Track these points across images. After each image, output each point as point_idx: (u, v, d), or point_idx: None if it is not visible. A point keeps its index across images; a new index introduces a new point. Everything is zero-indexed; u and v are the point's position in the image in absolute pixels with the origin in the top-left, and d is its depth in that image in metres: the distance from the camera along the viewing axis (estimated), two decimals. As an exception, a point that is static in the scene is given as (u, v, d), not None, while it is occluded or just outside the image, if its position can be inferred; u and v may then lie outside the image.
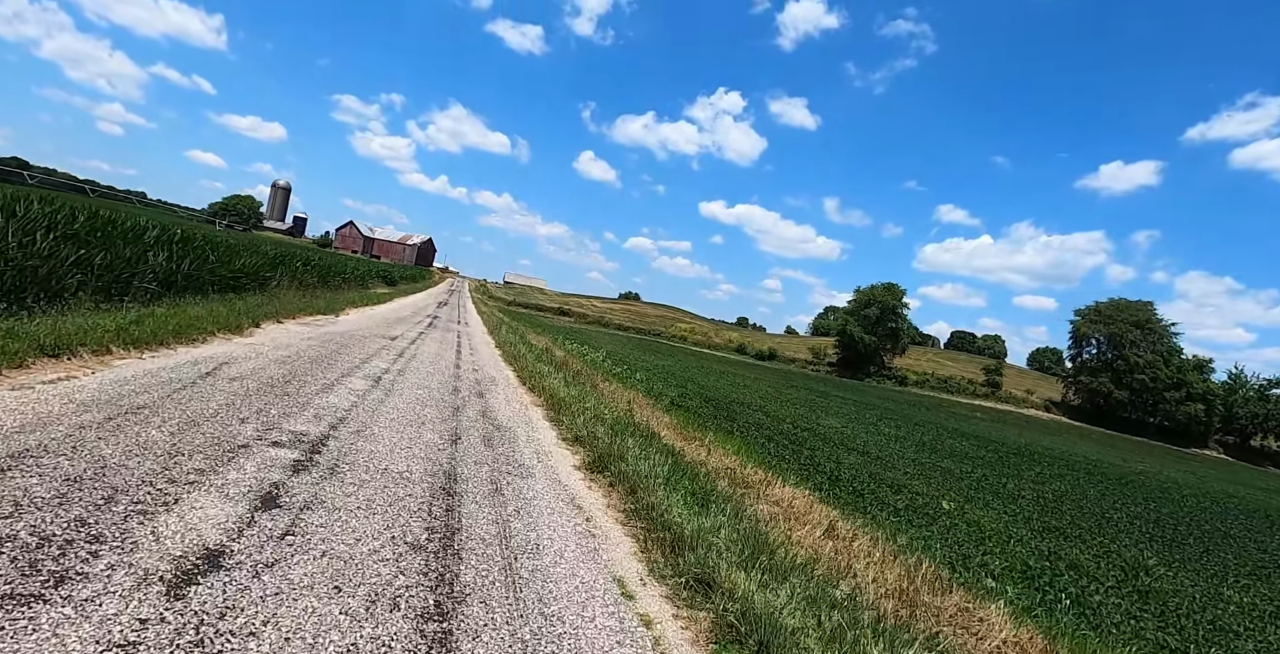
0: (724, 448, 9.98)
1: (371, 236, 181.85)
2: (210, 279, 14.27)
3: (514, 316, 47.22)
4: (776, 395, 32.31)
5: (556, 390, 10.19)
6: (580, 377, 14.03)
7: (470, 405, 8.41)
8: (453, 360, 13.01)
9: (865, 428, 24.43)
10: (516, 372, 13.39)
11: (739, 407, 21.56)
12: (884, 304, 77.42)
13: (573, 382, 12.72)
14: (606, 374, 17.43)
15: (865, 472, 13.40)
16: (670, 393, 19.58)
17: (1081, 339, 77.58)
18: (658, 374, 29.51)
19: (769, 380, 46.92)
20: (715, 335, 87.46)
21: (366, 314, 20.15)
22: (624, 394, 13.19)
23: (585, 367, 16.91)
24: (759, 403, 25.16)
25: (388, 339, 13.98)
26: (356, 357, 10.32)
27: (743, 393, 28.81)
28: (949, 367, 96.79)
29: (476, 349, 16.66)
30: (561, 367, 15.42)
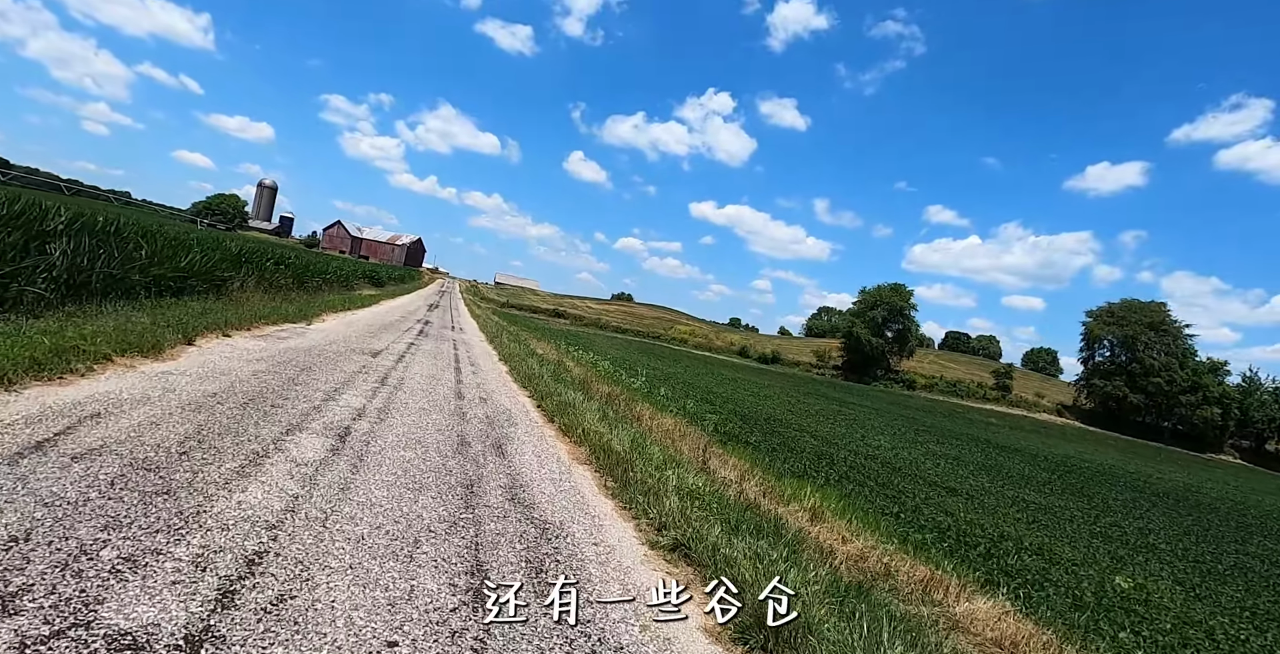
0: (838, 515, 7.13)
1: (360, 237, 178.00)
2: (141, 280, 11.26)
3: (510, 320, 44.23)
4: (803, 407, 29.52)
5: (598, 434, 7.29)
6: (614, 402, 11.13)
7: (490, 477, 5.47)
8: (452, 386, 10.06)
9: (918, 449, 21.69)
10: (534, 398, 10.47)
11: (782, 427, 18.75)
12: (891, 305, 74.84)
13: (608, 410, 9.83)
14: (634, 393, 14.54)
15: (984, 526, 10.58)
16: (707, 413, 16.74)
17: (1093, 341, 75.36)
18: (675, 384, 26.67)
19: (782, 387, 44.18)
20: (716, 338, 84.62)
21: (346, 321, 17.16)
22: (674, 426, 10.30)
23: (610, 385, 14.01)
24: (795, 419, 22.36)
25: (368, 355, 11.02)
26: (320, 388, 7.37)
27: (770, 406, 26.00)
28: (953, 369, 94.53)
29: (479, 365, 13.72)
30: (585, 388, 12.50)
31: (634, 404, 11.58)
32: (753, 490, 6.61)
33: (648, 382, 22.35)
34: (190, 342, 8.74)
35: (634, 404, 11.58)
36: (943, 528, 9.57)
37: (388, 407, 7.23)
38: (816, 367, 75.63)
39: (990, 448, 28.50)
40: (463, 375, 11.53)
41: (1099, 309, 76.75)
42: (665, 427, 10.43)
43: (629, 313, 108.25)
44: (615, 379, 18.14)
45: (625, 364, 32.15)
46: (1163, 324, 72.31)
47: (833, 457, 14.43)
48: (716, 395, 26.07)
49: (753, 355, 76.74)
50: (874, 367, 73.67)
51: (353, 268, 41.51)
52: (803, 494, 7.72)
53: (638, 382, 19.89)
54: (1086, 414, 74.69)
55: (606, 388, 13.23)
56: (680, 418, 12.66)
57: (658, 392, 18.99)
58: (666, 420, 11.43)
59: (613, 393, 12.46)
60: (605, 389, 13.00)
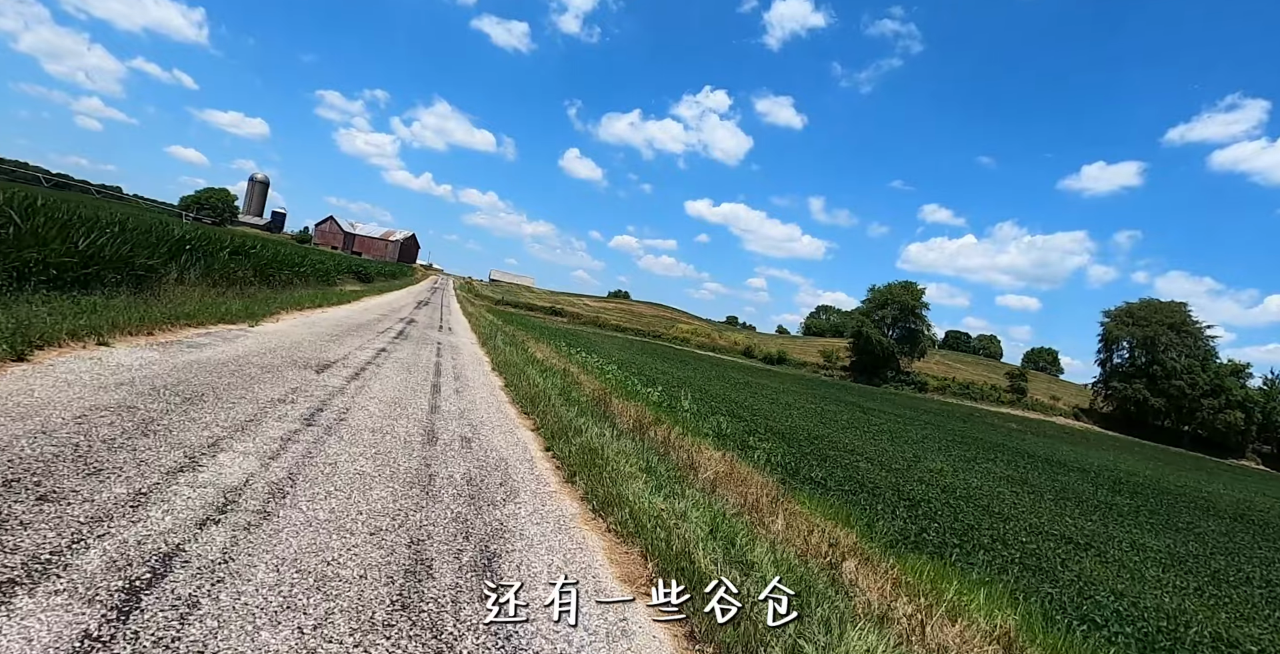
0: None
1: (352, 232, 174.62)
2: (9, 268, 8.25)
3: (506, 318, 41.20)
4: (832, 417, 26.59)
5: (655, 518, 4.30)
6: (645, 433, 8.17)
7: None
8: (423, 418, 7.07)
9: (977, 471, 18.81)
10: (541, 435, 7.50)
11: (830, 449, 15.83)
12: (902, 304, 71.85)
13: (648, 455, 6.85)
14: (658, 411, 11.56)
15: (1160, 608, 7.64)
16: (745, 434, 13.82)
17: (1111, 342, 72.56)
18: (692, 391, 23.73)
19: (799, 391, 41.26)
20: (719, 337, 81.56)
21: (309, 320, 14.15)
22: (728, 468, 7.34)
23: (631, 403, 11.01)
24: (835, 435, 19.43)
25: (312, 370, 8.02)
26: (191, 439, 4.37)
27: (800, 418, 23.08)
28: (960, 369, 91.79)
29: (465, 379, 10.72)
30: (603, 410, 9.53)
31: (667, 430, 8.60)
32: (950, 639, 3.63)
33: (665, 391, 19.43)
34: (22, 356, 5.74)
35: (667, 430, 8.60)
36: (1129, 619, 6.63)
37: (295, 475, 4.21)
38: (824, 367, 72.67)
39: (1040, 463, 25.66)
40: (441, 396, 8.53)
41: (1117, 309, 73.97)
42: (719, 470, 7.44)
43: (627, 311, 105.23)
44: (631, 391, 15.21)
45: (634, 368, 29.17)
46: (1184, 325, 69.58)
47: (913, 496, 11.47)
48: (742, 407, 23.16)
49: (758, 355, 73.76)
50: (883, 368, 70.77)
51: (336, 262, 38.40)
52: (989, 608, 4.76)
53: (655, 392, 16.96)
54: (1104, 418, 72.00)
55: (629, 409, 10.24)
56: (727, 450, 9.70)
57: (680, 404, 16.05)
58: (712, 455, 8.49)
59: (641, 418, 9.46)
60: (629, 411, 10.01)
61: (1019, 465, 23.05)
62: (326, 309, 18.37)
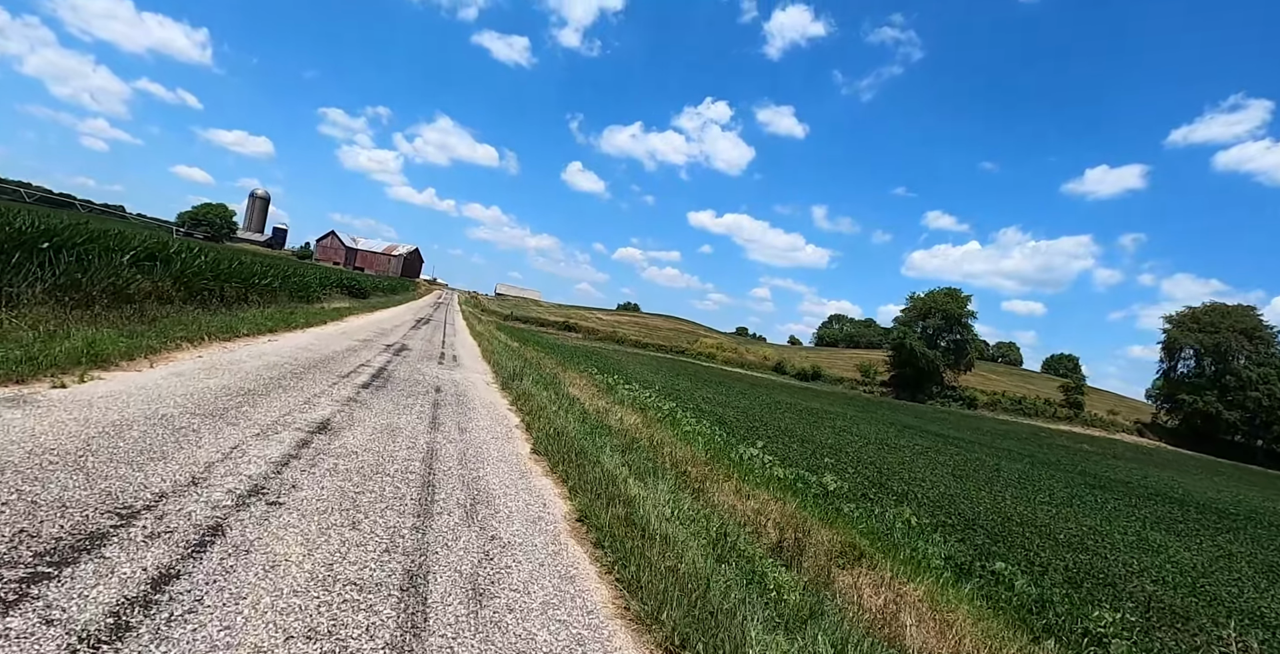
0: None
1: (354, 248, 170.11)
2: None
3: (520, 337, 35.71)
4: (921, 450, 20.92)
5: None
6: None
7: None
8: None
9: (1131, 525, 13.14)
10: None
11: (979, 514, 10.25)
12: (947, 312, 66.02)
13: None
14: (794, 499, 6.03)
15: None
16: (873, 494, 8.26)
17: (1175, 350, 66.44)
18: (755, 424, 18.14)
19: (856, 414, 35.56)
20: (746, 352, 75.65)
21: (231, 358, 8.69)
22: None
23: (827, 531, 5.45)
24: (958, 488, 13.85)
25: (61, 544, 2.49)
26: None
27: (901, 461, 17.51)
28: (996, 381, 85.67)
29: (493, 502, 5.11)
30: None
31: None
32: None
33: (747, 432, 13.87)
34: None
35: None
36: None
37: None
38: (862, 383, 66.73)
39: (1165, 503, 20.01)
40: (437, 621, 2.96)
41: (1179, 314, 67.79)
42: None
43: (642, 324, 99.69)
44: (745, 468, 9.73)
45: (674, 392, 23.62)
46: (1256, 330, 63.49)
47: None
48: (822, 445, 17.62)
49: (790, 371, 67.90)
50: (927, 382, 64.83)
51: (322, 275, 33.02)
52: None
53: (757, 452, 11.45)
54: (1169, 433, 65.82)
55: (818, 537, 4.68)
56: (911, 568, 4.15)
57: (755, 451, 10.57)
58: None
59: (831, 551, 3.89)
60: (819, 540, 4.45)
61: (1181, 516, 17.41)
62: (280, 336, 12.91)
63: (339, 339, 14.78)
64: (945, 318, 65.89)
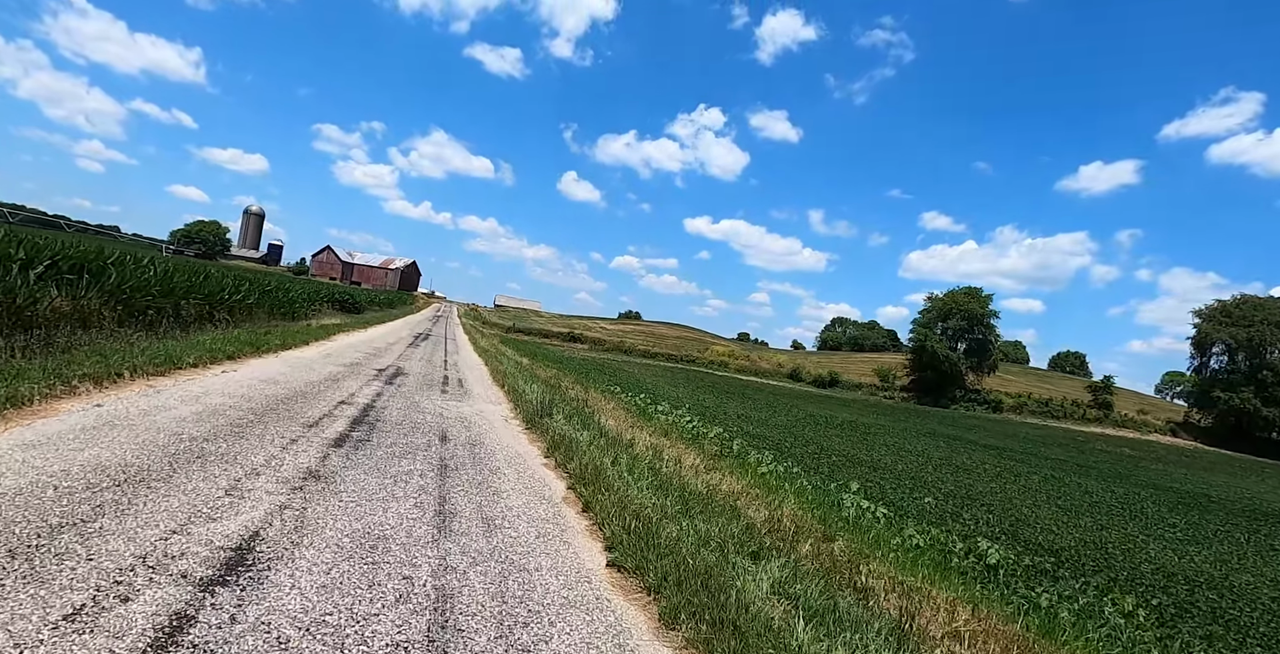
0: None
1: (351, 262, 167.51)
2: None
3: (528, 352, 33.06)
4: (988, 472, 18.24)
5: None
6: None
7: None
8: None
9: (1217, 550, 10.40)
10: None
11: (1097, 558, 7.54)
12: (968, 313, 63.37)
13: None
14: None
15: None
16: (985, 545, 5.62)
17: (1207, 345, 63.76)
18: (813, 448, 15.49)
19: (890, 426, 32.90)
20: (759, 359, 72.98)
21: (156, 403, 6.02)
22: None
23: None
24: (1059, 521, 11.20)
25: None
26: None
27: (956, 481, 14.83)
28: (1014, 382, 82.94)
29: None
30: None
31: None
32: None
33: (810, 461, 11.23)
34: None
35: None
36: None
37: None
38: (882, 388, 63.99)
39: (1243, 518, 17.29)
40: None
41: (1209, 308, 65.14)
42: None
43: (648, 333, 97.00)
44: (849, 523, 7.09)
45: (717, 417, 20.97)
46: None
47: None
48: (901, 475, 14.97)
49: (805, 378, 65.16)
50: (950, 386, 62.09)
51: (311, 290, 30.38)
52: None
53: (853, 499, 8.81)
54: (1203, 432, 63.06)
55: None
56: None
57: (846, 491, 7.94)
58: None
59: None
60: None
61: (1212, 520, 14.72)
62: (243, 364, 10.28)
63: (320, 364, 12.14)
64: (967, 318, 63.23)
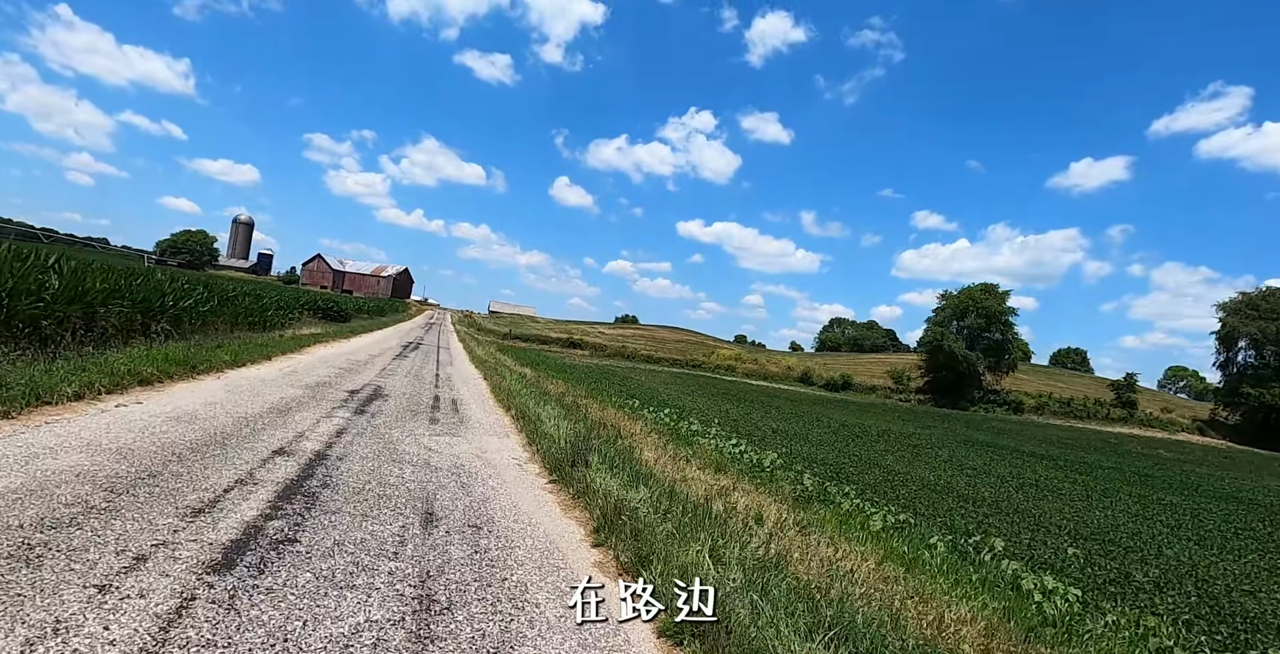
0: None
1: (342, 270, 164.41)
2: None
3: (529, 360, 30.32)
4: (1073, 499, 15.59)
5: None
6: None
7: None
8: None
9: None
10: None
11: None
12: (985, 310, 60.88)
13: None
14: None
15: None
16: None
17: (1233, 340, 61.41)
18: (875, 470, 12.84)
19: (923, 434, 30.28)
20: (768, 362, 70.30)
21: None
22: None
23: None
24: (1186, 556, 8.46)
25: None
26: None
27: (1040, 506, 12.13)
28: (1026, 381, 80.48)
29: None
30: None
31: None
32: None
33: (865, 486, 8.62)
34: None
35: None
36: None
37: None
38: (896, 390, 61.42)
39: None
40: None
41: (1233, 301, 62.75)
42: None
43: (648, 337, 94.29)
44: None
45: (752, 432, 18.31)
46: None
47: None
48: (974, 498, 12.34)
49: (817, 382, 62.50)
50: (968, 387, 59.54)
51: (287, 296, 27.60)
52: None
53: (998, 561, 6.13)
54: (1230, 430, 60.64)
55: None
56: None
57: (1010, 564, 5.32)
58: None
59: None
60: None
61: None
62: (165, 391, 7.61)
63: (274, 387, 9.44)
64: (985, 316, 60.71)
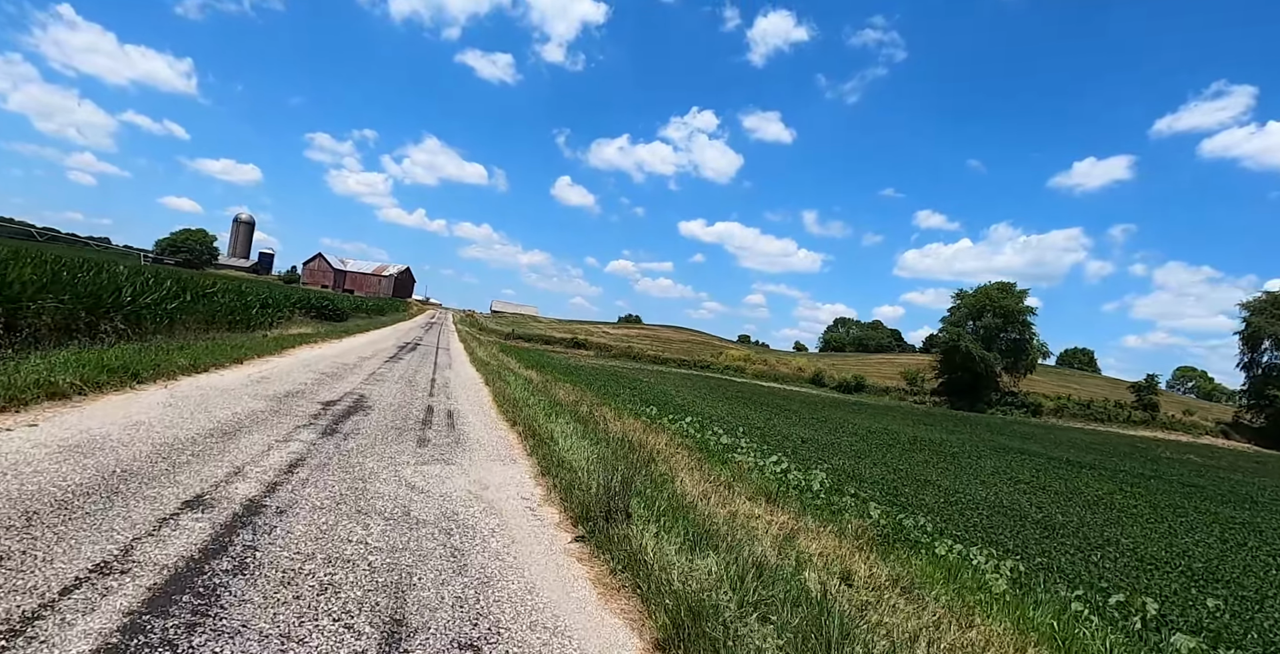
0: None
1: (343, 269, 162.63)
2: None
3: (534, 362, 28.52)
4: (1202, 531, 13.77)
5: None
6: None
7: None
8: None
9: None
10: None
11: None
12: (1005, 309, 58.99)
13: None
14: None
15: None
16: None
17: (1258, 340, 59.48)
18: (927, 491, 11.07)
19: (949, 440, 28.47)
20: (778, 363, 68.45)
21: None
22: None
23: None
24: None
25: None
26: None
27: (1121, 532, 10.26)
28: (1039, 383, 78.61)
29: None
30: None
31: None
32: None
33: (933, 514, 6.80)
34: None
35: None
36: None
37: None
38: (911, 392, 59.59)
39: None
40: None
41: (1256, 300, 60.82)
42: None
43: (653, 337, 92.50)
44: None
45: (770, 438, 16.54)
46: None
47: None
48: (1057, 526, 10.53)
49: (829, 383, 60.63)
50: (985, 389, 57.67)
51: (276, 294, 25.82)
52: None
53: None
54: (1255, 433, 58.75)
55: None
56: None
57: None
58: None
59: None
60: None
61: None
62: (78, 408, 5.84)
63: (234, 397, 7.65)
64: (1003, 316, 58.81)
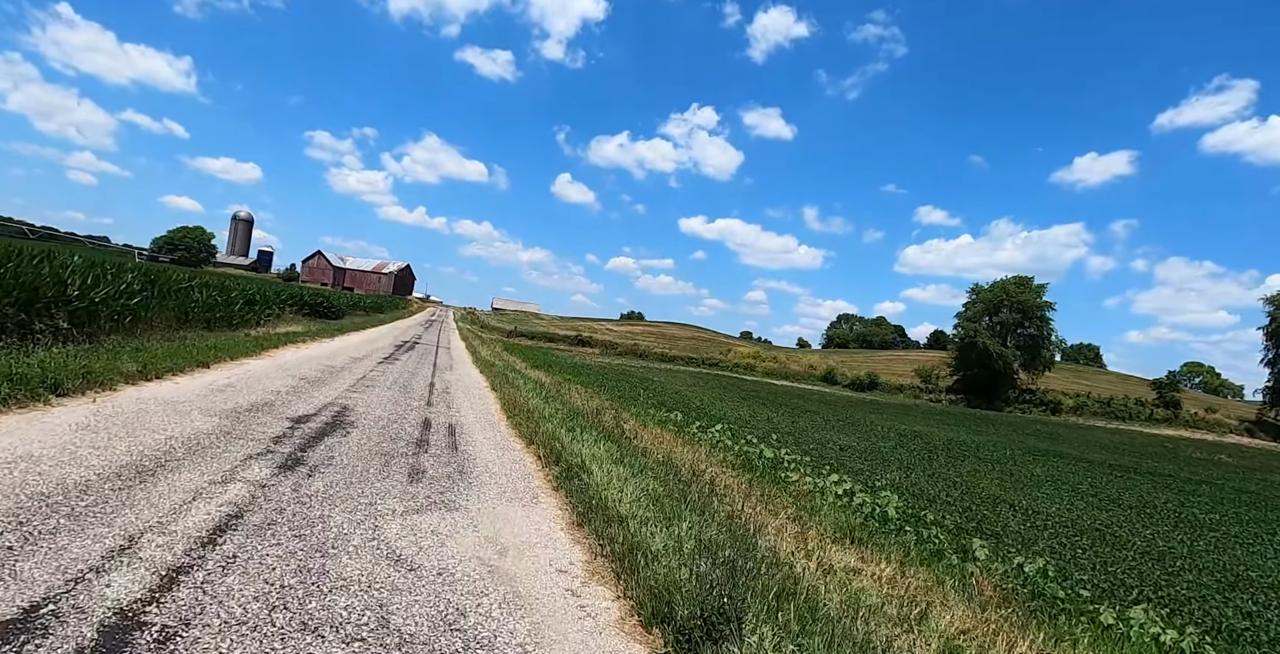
0: None
1: (343, 267, 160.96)
2: None
3: (541, 361, 26.84)
4: (1232, 537, 12.08)
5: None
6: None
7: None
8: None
9: None
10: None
11: None
12: (1021, 304, 57.30)
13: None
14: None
15: None
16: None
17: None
18: (999, 509, 9.43)
19: (978, 442, 26.81)
20: (789, 360, 66.80)
21: None
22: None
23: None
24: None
25: None
26: None
27: (1217, 560, 8.51)
28: (1052, 379, 76.91)
29: None
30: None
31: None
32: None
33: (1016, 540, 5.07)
34: None
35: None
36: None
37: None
38: (926, 390, 57.92)
39: None
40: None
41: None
42: None
43: (659, 334, 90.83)
44: None
45: (801, 442, 14.89)
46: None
47: None
48: (1158, 553, 8.89)
49: (841, 381, 58.97)
50: (1002, 386, 55.99)
51: (265, 291, 24.11)
52: None
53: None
54: (1278, 431, 57.08)
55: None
56: None
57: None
58: None
59: None
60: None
61: None
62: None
63: (179, 413, 5.97)
64: (1021, 311, 57.11)
